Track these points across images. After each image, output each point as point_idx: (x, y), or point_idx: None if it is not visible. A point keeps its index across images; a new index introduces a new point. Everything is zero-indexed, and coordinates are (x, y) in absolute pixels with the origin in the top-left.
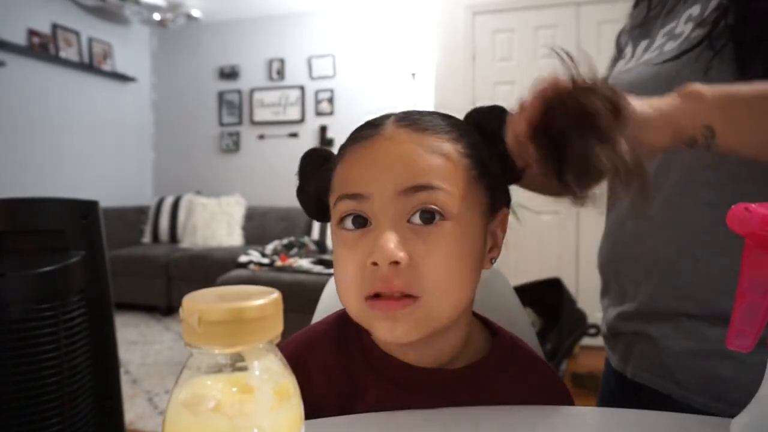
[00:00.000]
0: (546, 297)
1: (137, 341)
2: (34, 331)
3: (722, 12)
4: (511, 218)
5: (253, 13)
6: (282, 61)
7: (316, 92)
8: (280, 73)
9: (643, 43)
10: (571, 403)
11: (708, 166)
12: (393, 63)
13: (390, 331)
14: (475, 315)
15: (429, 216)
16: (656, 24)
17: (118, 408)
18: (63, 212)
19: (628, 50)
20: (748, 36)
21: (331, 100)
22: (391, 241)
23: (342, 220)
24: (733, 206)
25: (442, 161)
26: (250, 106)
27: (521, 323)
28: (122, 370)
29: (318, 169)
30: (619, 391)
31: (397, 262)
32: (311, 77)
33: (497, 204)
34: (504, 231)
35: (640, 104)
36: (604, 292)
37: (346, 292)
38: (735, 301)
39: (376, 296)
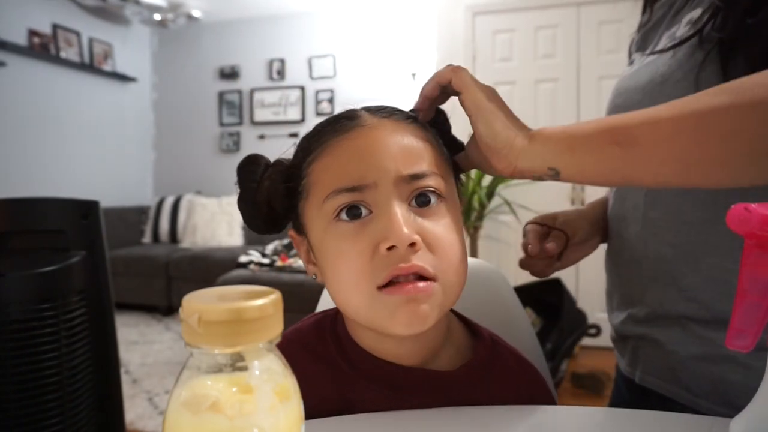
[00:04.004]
0: (546, 297)
1: (137, 341)
2: (34, 331)
3: (712, 13)
4: (511, 218)
5: (253, 13)
6: (282, 61)
7: (317, 92)
8: (281, 73)
9: (649, 48)
10: (550, 395)
11: None
12: (393, 63)
13: (412, 314)
14: (454, 312)
15: (425, 199)
16: (662, 28)
17: (118, 408)
18: (63, 212)
19: (636, 56)
20: (729, 35)
21: (331, 101)
22: (405, 224)
23: (338, 213)
24: (732, 206)
25: (428, 147)
26: (251, 106)
27: (521, 323)
28: (122, 370)
29: (263, 175)
30: (628, 395)
31: (413, 244)
32: (311, 77)
33: (459, 186)
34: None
35: (492, 129)
36: (610, 296)
37: (354, 285)
38: (735, 301)
39: (389, 285)
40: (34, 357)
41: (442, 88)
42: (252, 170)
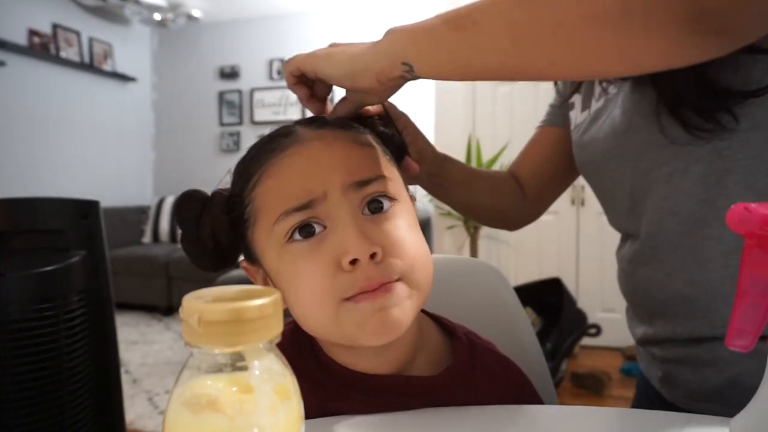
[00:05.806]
0: (546, 297)
1: (137, 341)
2: (34, 331)
3: None
4: None
5: (253, 13)
6: (282, 61)
7: None
8: (281, 73)
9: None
10: (533, 388)
11: (701, 202)
12: None
13: (383, 323)
14: (426, 312)
15: (378, 205)
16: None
17: (118, 408)
18: (63, 212)
19: (576, 99)
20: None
21: (331, 100)
22: (362, 234)
23: (290, 235)
24: (732, 206)
25: (372, 151)
26: (251, 106)
27: (521, 323)
28: (122, 370)
29: (203, 210)
30: (660, 406)
31: (374, 254)
32: None
33: (407, 186)
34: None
35: (346, 59)
36: (633, 317)
37: (318, 304)
38: (735, 301)
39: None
40: (34, 357)
41: (299, 78)
42: (190, 207)
